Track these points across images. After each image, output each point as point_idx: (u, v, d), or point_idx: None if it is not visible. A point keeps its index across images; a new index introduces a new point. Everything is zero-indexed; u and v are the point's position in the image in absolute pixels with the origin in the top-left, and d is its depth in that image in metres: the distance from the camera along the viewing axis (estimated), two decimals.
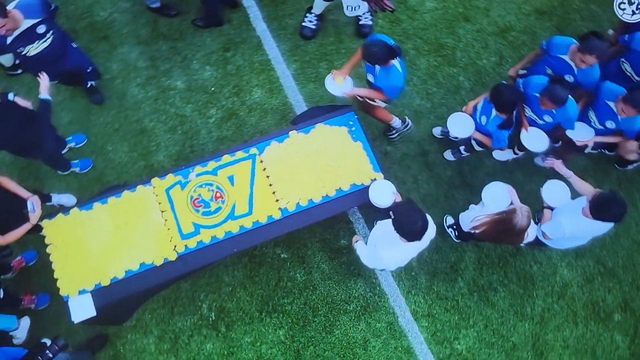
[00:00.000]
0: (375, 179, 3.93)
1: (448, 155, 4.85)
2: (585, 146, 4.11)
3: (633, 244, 4.63)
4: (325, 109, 4.34)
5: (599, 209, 3.27)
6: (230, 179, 3.92)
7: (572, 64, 3.85)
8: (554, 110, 3.79)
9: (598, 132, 4.03)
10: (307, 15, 5.20)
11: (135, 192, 3.88)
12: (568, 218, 3.51)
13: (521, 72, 4.42)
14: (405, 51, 5.22)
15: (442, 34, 5.34)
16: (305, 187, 3.90)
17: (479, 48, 5.29)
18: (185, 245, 3.76)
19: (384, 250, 3.25)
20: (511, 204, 3.58)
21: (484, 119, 4.04)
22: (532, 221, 3.38)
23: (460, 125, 4.14)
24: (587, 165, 4.81)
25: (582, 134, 4.01)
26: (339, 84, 4.09)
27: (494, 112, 3.93)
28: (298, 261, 4.52)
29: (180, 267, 3.75)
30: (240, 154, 3.99)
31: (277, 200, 3.87)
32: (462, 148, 4.70)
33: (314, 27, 5.20)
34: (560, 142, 4.36)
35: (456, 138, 4.37)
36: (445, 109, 4.99)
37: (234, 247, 3.81)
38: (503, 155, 4.78)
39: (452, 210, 4.66)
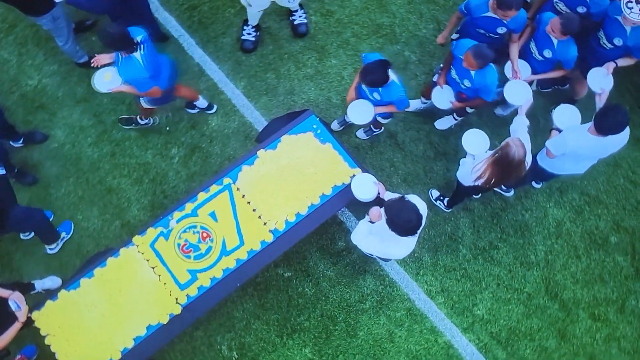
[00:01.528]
0: (354, 175, 3.90)
1: (360, 133, 4.85)
2: (532, 82, 4.26)
3: (608, 167, 4.78)
4: (285, 119, 4.27)
5: (601, 118, 3.36)
6: (212, 215, 3.82)
7: (498, 16, 3.91)
8: (472, 75, 3.83)
9: (539, 68, 4.16)
10: (245, 28, 5.09)
11: (120, 256, 3.73)
12: (573, 134, 3.60)
13: (453, 37, 4.48)
14: (345, 40, 5.19)
15: (376, 15, 5.33)
16: (289, 202, 3.85)
17: (415, 19, 5.30)
18: (187, 295, 3.66)
19: (389, 247, 3.30)
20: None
21: (376, 95, 3.95)
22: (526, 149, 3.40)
23: (360, 111, 4.02)
24: (546, 104, 4.92)
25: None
26: (107, 80, 3.87)
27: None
28: (303, 275, 4.47)
29: (188, 317, 3.66)
30: (215, 188, 3.89)
31: (265, 224, 3.80)
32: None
33: (254, 39, 5.09)
34: None
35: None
36: None
37: (236, 281, 3.74)
38: (444, 123, 4.84)
39: (435, 183, 4.71)
